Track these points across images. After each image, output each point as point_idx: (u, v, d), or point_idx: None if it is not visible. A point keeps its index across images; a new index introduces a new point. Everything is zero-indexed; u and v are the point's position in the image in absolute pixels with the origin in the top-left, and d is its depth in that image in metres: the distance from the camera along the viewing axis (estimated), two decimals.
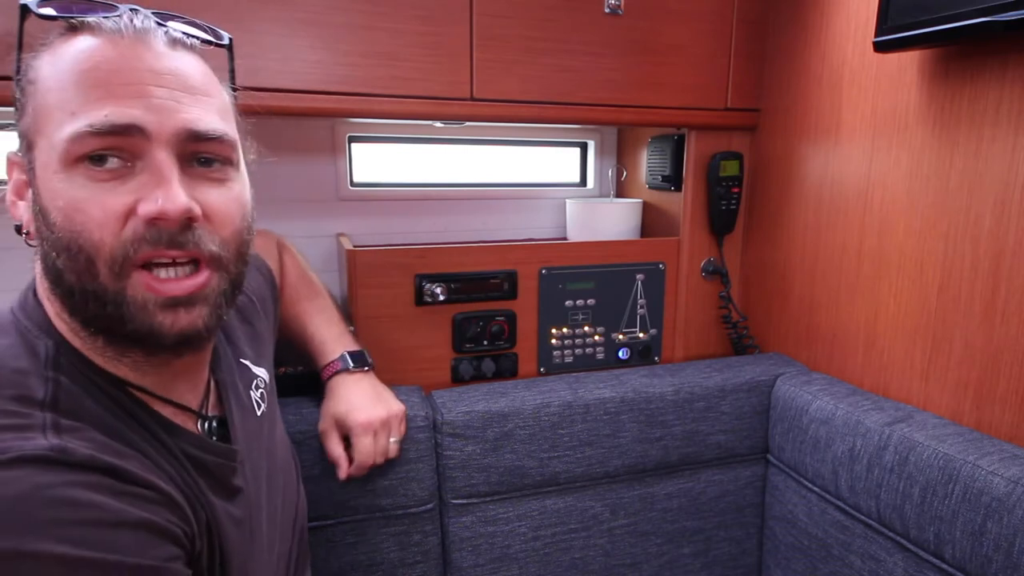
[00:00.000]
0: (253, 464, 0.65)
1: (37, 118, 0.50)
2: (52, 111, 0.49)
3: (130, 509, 0.46)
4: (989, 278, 0.91)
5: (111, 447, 0.48)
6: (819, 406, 1.08)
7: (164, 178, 0.49)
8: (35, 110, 0.50)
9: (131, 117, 0.48)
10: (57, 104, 0.49)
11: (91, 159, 0.48)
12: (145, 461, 0.51)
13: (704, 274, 1.37)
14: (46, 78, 0.50)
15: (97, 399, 0.51)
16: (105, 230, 0.48)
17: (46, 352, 0.51)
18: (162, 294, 0.50)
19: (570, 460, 1.11)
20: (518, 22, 1.10)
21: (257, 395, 0.72)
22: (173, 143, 0.50)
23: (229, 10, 0.95)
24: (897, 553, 0.94)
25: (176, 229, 0.50)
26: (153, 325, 0.51)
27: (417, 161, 1.42)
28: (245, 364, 0.73)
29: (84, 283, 0.49)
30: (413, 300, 1.16)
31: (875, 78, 1.06)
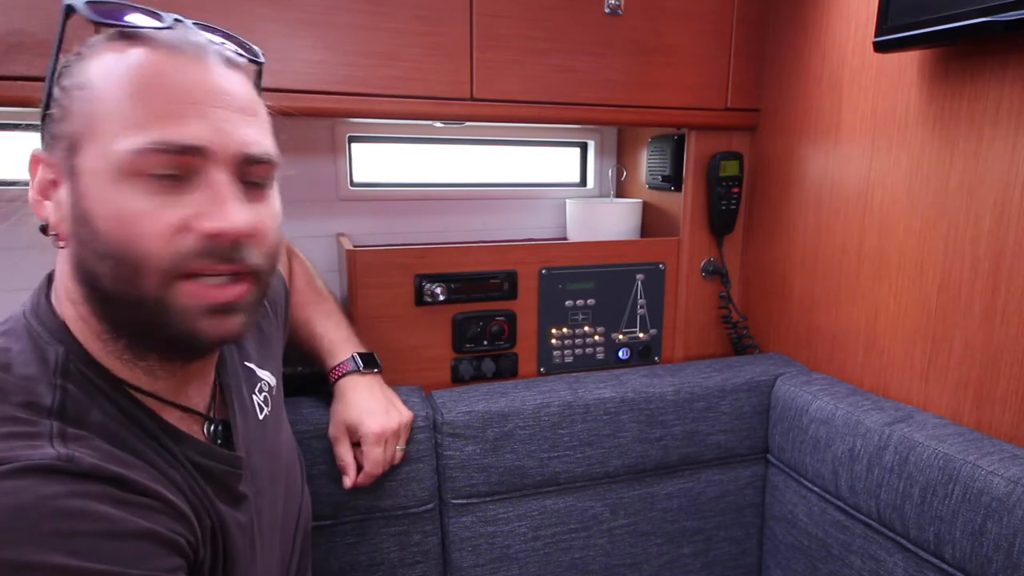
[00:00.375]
0: (254, 468, 0.65)
1: (88, 123, 0.50)
2: (108, 120, 0.49)
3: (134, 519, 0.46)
4: (989, 278, 0.91)
5: (116, 456, 0.48)
6: (819, 406, 1.08)
7: (225, 197, 0.51)
8: (85, 115, 0.50)
9: (198, 139, 0.50)
10: (115, 114, 0.49)
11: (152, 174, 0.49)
12: (151, 470, 0.51)
13: (704, 274, 1.37)
14: (100, 85, 0.50)
15: (103, 408, 0.51)
16: (158, 242, 0.49)
17: (56, 359, 0.51)
18: (209, 301, 0.52)
19: (570, 460, 1.11)
20: (518, 22, 1.10)
21: (260, 399, 0.72)
22: (231, 164, 0.52)
23: (229, 10, 0.95)
24: (897, 553, 0.94)
25: (230, 245, 0.51)
26: (195, 330, 0.52)
27: (417, 161, 1.42)
28: (250, 367, 0.73)
29: (125, 290, 0.50)
30: (413, 300, 1.16)
31: (875, 78, 1.06)
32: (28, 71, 0.87)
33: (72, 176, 0.50)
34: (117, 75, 0.50)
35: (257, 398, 0.71)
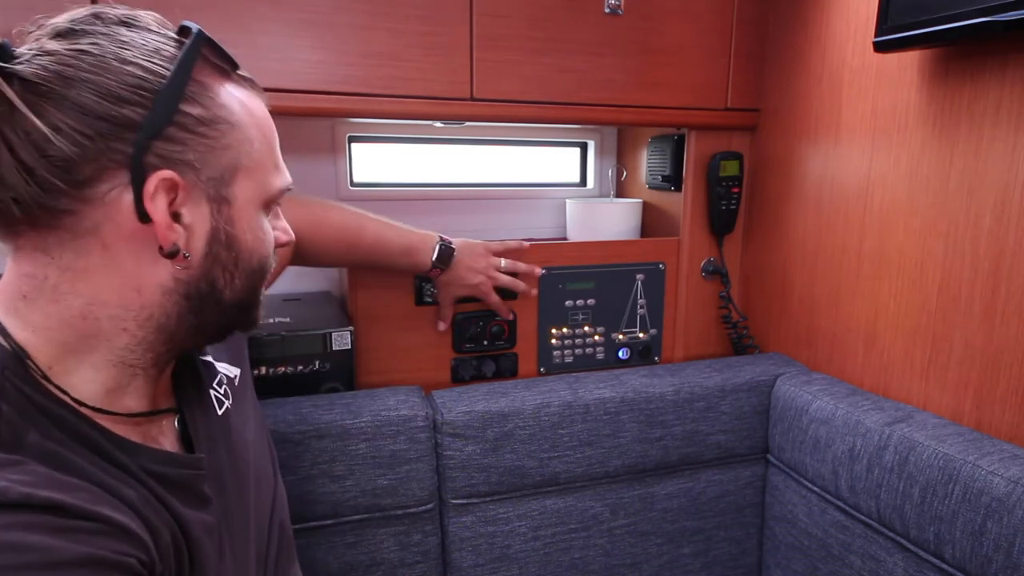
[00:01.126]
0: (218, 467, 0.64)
1: (247, 159, 0.56)
2: (263, 159, 0.57)
3: (72, 546, 0.43)
4: (989, 278, 0.91)
5: (54, 480, 0.46)
6: (819, 406, 1.08)
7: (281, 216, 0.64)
8: (243, 151, 0.55)
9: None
10: (266, 154, 0.58)
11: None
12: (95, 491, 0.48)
13: (704, 274, 1.37)
14: (246, 125, 0.56)
15: (41, 427, 0.48)
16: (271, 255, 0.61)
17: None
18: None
19: (570, 460, 1.11)
20: (518, 22, 1.10)
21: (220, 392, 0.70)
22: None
23: (229, 10, 0.95)
24: (897, 553, 0.94)
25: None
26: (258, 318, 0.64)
27: (417, 161, 1.42)
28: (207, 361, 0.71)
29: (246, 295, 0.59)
30: (413, 300, 1.16)
31: (875, 78, 1.07)
32: None
33: (222, 202, 0.55)
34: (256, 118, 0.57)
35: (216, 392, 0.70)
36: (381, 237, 1.04)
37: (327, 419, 0.98)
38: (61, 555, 0.42)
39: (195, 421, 0.63)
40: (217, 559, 0.59)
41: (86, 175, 0.48)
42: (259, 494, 0.71)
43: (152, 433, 0.59)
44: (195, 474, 0.59)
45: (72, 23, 0.50)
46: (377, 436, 1.00)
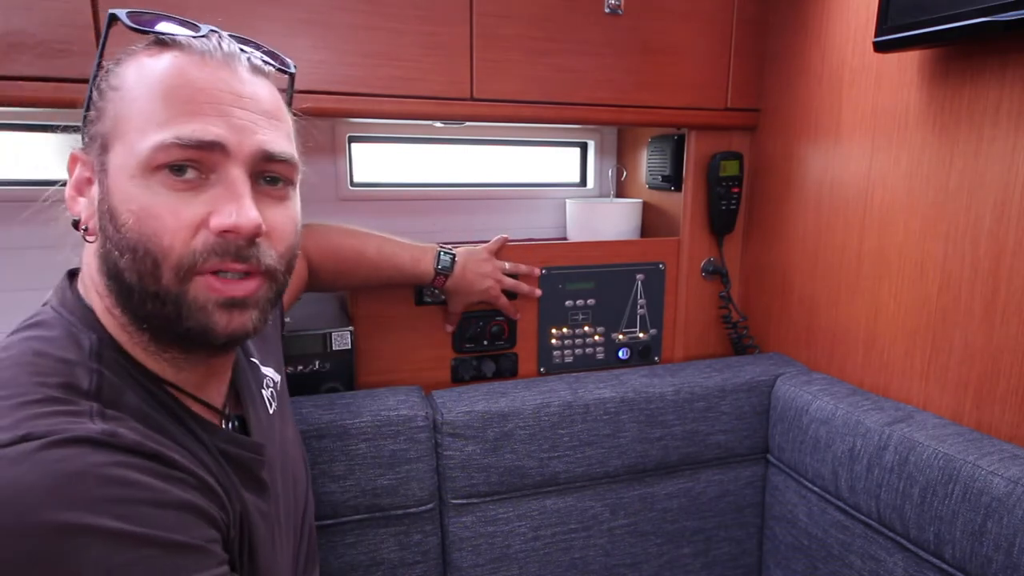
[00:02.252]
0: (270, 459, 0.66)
1: (118, 123, 0.52)
2: (136, 119, 0.52)
3: (174, 491, 0.47)
4: (989, 278, 0.91)
5: (152, 436, 0.50)
6: (819, 406, 1.08)
7: (238, 193, 0.53)
8: (116, 115, 0.52)
9: (215, 135, 0.52)
10: (143, 113, 0.52)
11: (171, 168, 0.51)
12: (183, 451, 0.53)
13: (704, 274, 1.37)
14: (132, 87, 0.53)
15: (136, 392, 0.53)
16: (176, 237, 0.51)
17: (90, 345, 0.53)
18: (223, 294, 0.53)
19: (570, 460, 1.11)
20: (518, 22, 1.10)
21: (267, 394, 0.73)
22: (248, 162, 0.54)
23: (230, 10, 0.95)
24: (897, 553, 0.94)
25: (243, 243, 0.53)
26: (209, 324, 0.53)
27: (417, 161, 1.42)
28: (255, 363, 0.75)
29: (145, 284, 0.52)
30: (413, 300, 1.16)
31: (875, 78, 1.06)
32: (28, 71, 0.87)
33: (103, 173, 0.53)
34: (148, 77, 0.53)
35: (265, 393, 0.73)
36: (383, 252, 1.03)
37: (327, 419, 0.98)
38: (166, 496, 0.47)
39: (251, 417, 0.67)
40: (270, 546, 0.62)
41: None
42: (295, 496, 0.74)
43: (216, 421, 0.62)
44: (256, 458, 0.62)
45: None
46: (377, 436, 1.00)
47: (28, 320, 0.56)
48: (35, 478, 0.41)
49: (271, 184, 0.57)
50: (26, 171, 1.16)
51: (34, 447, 0.43)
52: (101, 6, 0.89)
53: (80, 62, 0.89)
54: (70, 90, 0.89)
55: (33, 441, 0.43)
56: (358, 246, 1.02)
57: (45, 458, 0.42)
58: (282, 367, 0.84)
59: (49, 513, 0.41)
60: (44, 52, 0.87)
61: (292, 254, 0.59)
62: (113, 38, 0.56)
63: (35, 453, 0.42)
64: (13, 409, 0.45)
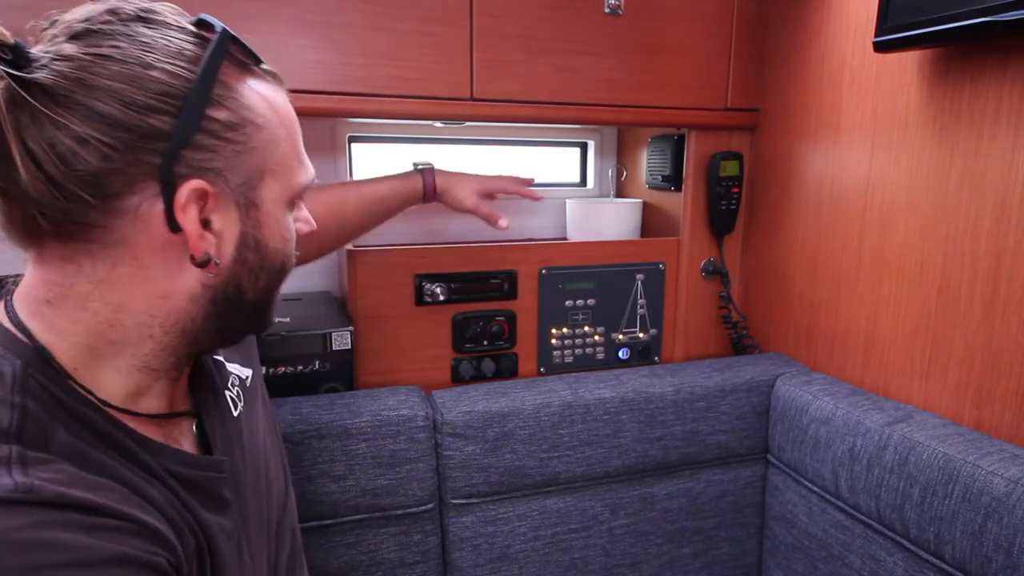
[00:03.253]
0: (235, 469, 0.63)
1: (272, 160, 0.55)
2: (286, 158, 0.56)
3: (105, 545, 0.43)
4: (989, 278, 0.91)
5: (83, 479, 0.45)
6: (819, 406, 1.08)
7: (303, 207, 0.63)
8: (269, 152, 0.54)
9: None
10: (291, 152, 0.57)
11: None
12: (122, 490, 0.48)
13: (704, 274, 1.37)
14: (274, 125, 0.54)
15: (68, 426, 0.48)
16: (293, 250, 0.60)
17: (13, 374, 0.47)
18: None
19: (570, 460, 1.11)
20: (518, 22, 1.10)
21: (233, 393, 0.69)
22: None
23: (230, 9, 0.95)
24: (897, 553, 0.94)
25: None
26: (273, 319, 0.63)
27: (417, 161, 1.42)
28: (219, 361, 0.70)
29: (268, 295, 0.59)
30: (413, 300, 1.16)
31: (875, 78, 1.06)
32: None
33: (249, 207, 0.54)
34: (278, 114, 0.55)
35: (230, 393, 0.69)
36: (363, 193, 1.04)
37: (327, 419, 0.98)
38: (95, 554, 0.42)
39: (212, 423, 0.63)
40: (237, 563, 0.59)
41: (115, 188, 0.47)
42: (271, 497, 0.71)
43: (173, 435, 0.58)
44: (215, 476, 0.58)
45: (88, 22, 0.47)
46: (377, 436, 1.00)
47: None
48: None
49: None
50: None
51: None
52: None
53: None
54: None
55: None
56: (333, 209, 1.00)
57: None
58: (254, 360, 0.78)
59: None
60: None
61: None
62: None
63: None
64: None
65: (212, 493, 0.58)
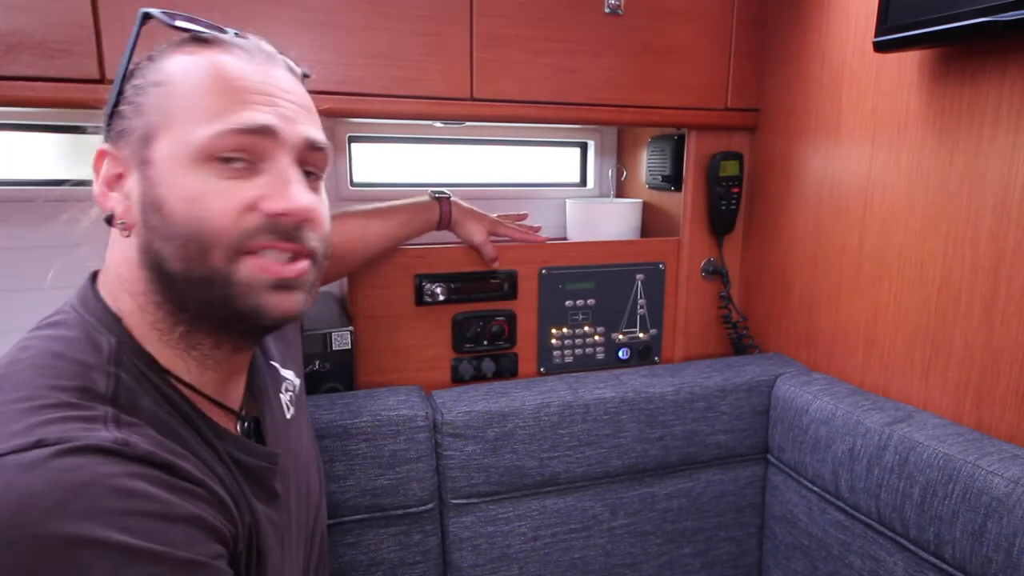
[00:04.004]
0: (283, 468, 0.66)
1: (166, 116, 0.53)
2: (188, 111, 0.53)
3: (184, 504, 0.47)
4: (989, 278, 0.91)
5: (166, 445, 0.50)
6: (819, 406, 1.08)
7: (290, 180, 0.55)
8: (163, 109, 0.53)
9: (268, 120, 0.54)
10: (196, 106, 0.53)
11: (220, 159, 0.53)
12: (196, 461, 0.52)
13: (704, 274, 1.37)
14: (179, 81, 0.54)
15: (153, 397, 0.53)
16: (225, 219, 0.53)
17: (109, 348, 0.53)
18: (274, 275, 0.55)
19: (570, 460, 1.11)
20: (518, 22, 1.10)
21: (286, 398, 0.73)
22: (295, 149, 0.56)
23: (229, 10, 0.95)
24: (897, 553, 0.94)
25: (293, 226, 0.55)
26: (260, 304, 0.55)
27: (417, 161, 1.42)
28: (275, 366, 0.74)
29: (193, 268, 0.53)
30: (413, 300, 1.16)
31: (875, 78, 1.07)
32: (28, 71, 0.87)
33: (144, 165, 0.54)
34: (196, 71, 0.54)
35: (284, 398, 0.72)
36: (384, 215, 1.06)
37: (327, 419, 0.98)
38: (174, 510, 0.46)
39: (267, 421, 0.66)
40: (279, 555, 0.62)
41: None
42: (309, 502, 0.73)
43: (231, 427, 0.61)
44: (268, 468, 0.62)
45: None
46: (377, 436, 1.00)
47: (48, 319, 0.56)
48: (45, 487, 0.41)
49: (309, 173, 0.59)
50: (26, 171, 1.16)
51: (46, 454, 0.42)
52: (101, 6, 0.89)
53: (80, 62, 0.89)
54: (70, 90, 0.89)
55: (45, 448, 0.43)
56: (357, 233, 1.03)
57: (56, 466, 0.42)
58: (301, 370, 0.83)
59: (57, 524, 0.40)
60: (44, 52, 0.87)
61: (328, 239, 0.61)
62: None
63: (47, 461, 0.42)
64: (28, 413, 0.45)
65: (264, 483, 0.61)
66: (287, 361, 0.78)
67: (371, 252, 1.06)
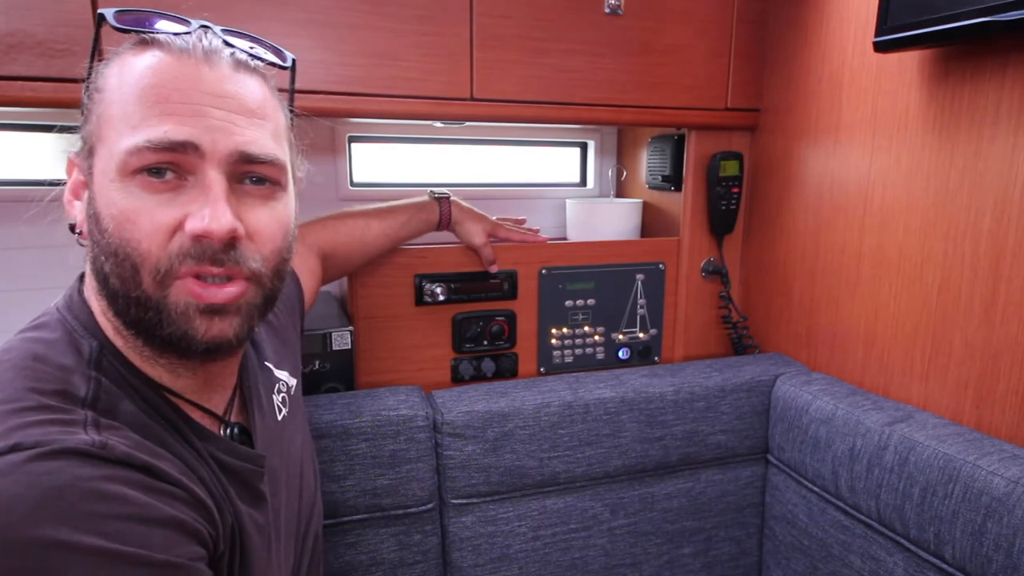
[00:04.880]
0: (272, 469, 0.65)
1: (100, 126, 0.52)
2: (114, 121, 0.51)
3: (162, 506, 0.47)
4: (989, 278, 0.91)
5: (146, 446, 0.50)
6: (819, 406, 1.08)
7: (212, 196, 0.51)
8: (98, 118, 0.52)
9: (187, 135, 0.50)
10: (120, 115, 0.50)
11: (148, 171, 0.50)
12: (177, 463, 0.52)
13: (704, 274, 1.37)
14: (112, 88, 0.52)
15: (134, 400, 0.53)
16: (153, 241, 0.50)
17: (90, 351, 0.52)
18: (203, 300, 0.52)
19: (570, 460, 1.11)
20: (518, 22, 1.10)
21: (279, 399, 0.72)
22: (225, 163, 0.52)
23: (229, 10, 0.95)
24: (897, 553, 0.94)
25: (219, 247, 0.51)
26: (188, 330, 0.52)
27: (417, 161, 1.42)
28: (268, 367, 0.73)
29: (128, 289, 0.51)
30: (413, 300, 1.16)
31: (875, 78, 1.06)
32: (28, 71, 0.87)
33: (89, 177, 0.53)
34: (127, 79, 0.51)
35: (276, 399, 0.72)
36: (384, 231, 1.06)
37: (327, 419, 0.98)
38: (152, 512, 0.46)
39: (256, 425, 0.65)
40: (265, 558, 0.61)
41: None
42: (302, 504, 0.73)
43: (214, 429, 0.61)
44: (254, 470, 0.61)
45: None
46: (377, 436, 1.00)
47: (33, 321, 0.56)
48: (21, 490, 0.41)
49: (257, 184, 0.55)
50: (26, 171, 1.16)
51: (22, 458, 0.42)
52: (101, 6, 0.89)
53: (80, 62, 0.88)
54: (70, 90, 0.89)
55: (22, 452, 0.42)
56: (358, 233, 1.04)
57: (32, 470, 0.42)
58: (299, 370, 0.82)
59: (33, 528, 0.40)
60: (44, 52, 0.87)
61: (281, 256, 0.57)
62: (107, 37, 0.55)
63: (23, 465, 0.42)
64: (6, 416, 0.45)
65: (249, 485, 0.61)
66: (283, 362, 0.77)
67: (371, 252, 1.06)
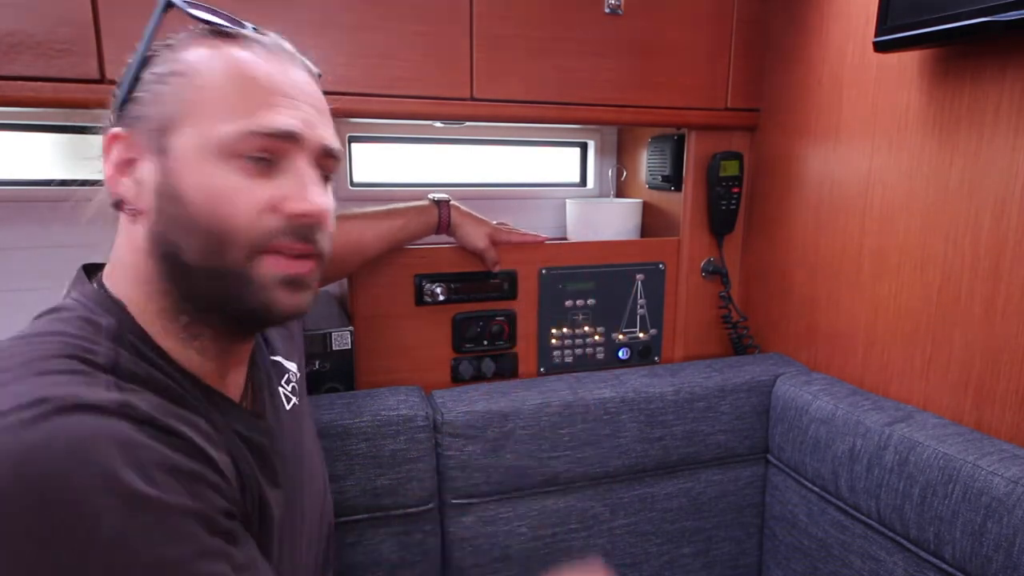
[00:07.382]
0: (285, 456, 0.66)
1: (188, 107, 0.53)
2: (213, 105, 0.53)
3: (186, 460, 0.48)
4: (989, 278, 0.91)
5: (168, 410, 0.50)
6: (819, 406, 1.08)
7: (310, 182, 0.56)
8: (185, 99, 0.54)
9: (292, 126, 0.55)
10: (220, 101, 0.54)
11: (247, 156, 0.54)
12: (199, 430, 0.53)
13: (704, 274, 1.37)
14: (202, 74, 0.54)
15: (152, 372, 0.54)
16: (247, 218, 0.53)
17: (108, 327, 0.53)
18: (286, 272, 0.56)
19: (570, 460, 1.11)
20: (518, 22, 1.10)
21: (288, 389, 0.74)
22: (314, 153, 0.57)
23: (231, 10, 0.95)
24: (897, 553, 0.94)
25: (310, 226, 0.56)
26: (271, 301, 0.56)
27: (417, 161, 1.42)
28: (277, 360, 0.75)
29: (209, 262, 0.54)
30: (413, 300, 1.16)
31: (875, 78, 1.06)
32: (28, 71, 0.87)
33: (162, 154, 0.54)
34: (220, 66, 0.55)
35: (285, 389, 0.73)
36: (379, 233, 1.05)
37: (327, 419, 0.98)
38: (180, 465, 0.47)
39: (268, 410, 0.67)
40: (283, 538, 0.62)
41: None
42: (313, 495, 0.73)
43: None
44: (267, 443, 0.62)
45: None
46: (377, 436, 1.00)
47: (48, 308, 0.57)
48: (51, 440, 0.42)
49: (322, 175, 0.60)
50: (26, 171, 1.16)
51: (49, 409, 0.43)
52: (101, 6, 0.89)
53: (80, 62, 0.89)
54: (70, 90, 0.89)
55: (48, 404, 0.43)
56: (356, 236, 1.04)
57: (59, 422, 0.43)
58: (304, 364, 0.84)
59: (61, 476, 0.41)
60: (44, 52, 0.87)
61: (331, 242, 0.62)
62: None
63: (49, 417, 0.43)
64: (31, 377, 0.46)
65: (269, 462, 0.62)
66: (291, 354, 0.79)
67: (369, 255, 1.06)
